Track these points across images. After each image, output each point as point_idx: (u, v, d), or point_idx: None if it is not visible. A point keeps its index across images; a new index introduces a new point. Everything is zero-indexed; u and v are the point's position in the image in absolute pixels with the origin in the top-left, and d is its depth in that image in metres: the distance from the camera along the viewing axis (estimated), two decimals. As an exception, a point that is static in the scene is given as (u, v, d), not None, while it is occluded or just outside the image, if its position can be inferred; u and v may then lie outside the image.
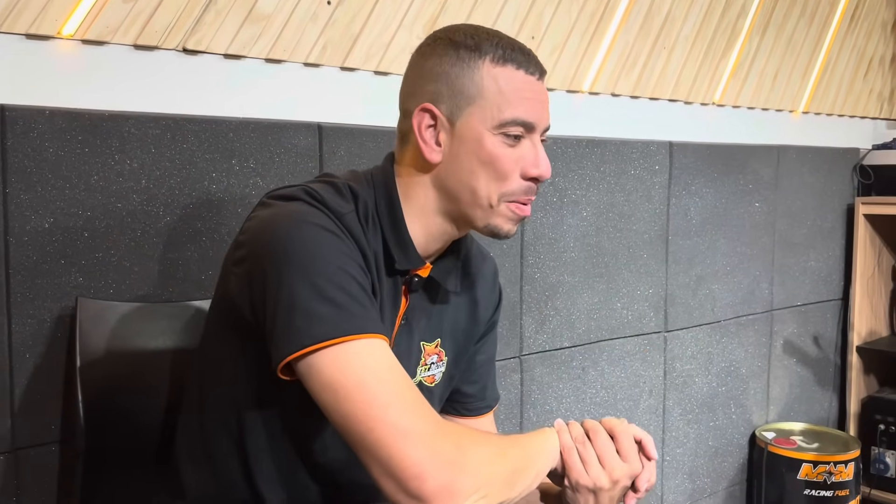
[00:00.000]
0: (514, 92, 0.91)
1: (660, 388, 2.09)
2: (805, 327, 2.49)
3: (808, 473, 2.15)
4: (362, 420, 0.77)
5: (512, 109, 0.91)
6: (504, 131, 0.91)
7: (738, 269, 2.26)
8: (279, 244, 0.84)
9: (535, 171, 0.93)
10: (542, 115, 0.93)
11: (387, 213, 0.94)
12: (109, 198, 1.23)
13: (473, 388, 1.16)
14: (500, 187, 0.92)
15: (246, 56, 1.36)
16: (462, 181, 0.93)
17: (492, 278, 1.14)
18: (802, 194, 2.43)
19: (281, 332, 0.80)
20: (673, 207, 2.07)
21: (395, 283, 0.96)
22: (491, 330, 1.16)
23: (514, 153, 0.92)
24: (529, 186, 0.94)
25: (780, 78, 2.33)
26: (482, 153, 0.91)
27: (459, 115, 0.92)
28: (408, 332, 1.00)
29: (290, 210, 0.87)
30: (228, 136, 1.34)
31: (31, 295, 1.17)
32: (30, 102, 1.16)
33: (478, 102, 0.91)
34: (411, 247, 0.95)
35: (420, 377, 1.03)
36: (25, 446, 1.18)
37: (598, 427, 0.91)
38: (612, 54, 1.91)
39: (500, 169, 0.92)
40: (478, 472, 0.79)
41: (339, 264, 0.83)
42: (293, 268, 0.82)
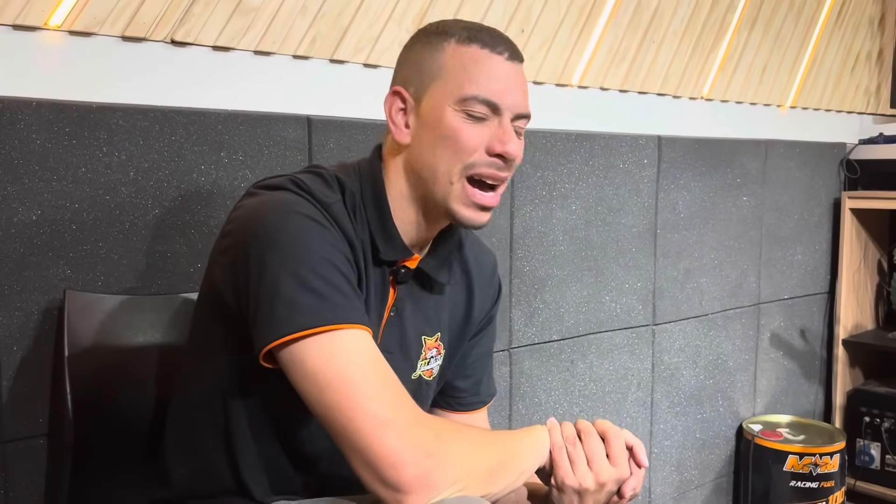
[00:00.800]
0: (478, 70, 0.89)
1: (648, 380, 2.10)
2: (792, 320, 2.51)
3: (794, 465, 2.17)
4: (343, 410, 0.78)
5: (473, 86, 0.89)
6: (466, 109, 0.89)
7: (725, 262, 2.28)
8: (264, 233, 0.84)
9: (500, 146, 0.90)
10: (509, 97, 0.90)
11: (372, 203, 0.94)
12: (97, 190, 1.22)
13: (466, 383, 1.15)
14: (462, 160, 0.90)
15: (234, 48, 1.36)
16: (426, 160, 0.92)
17: (490, 272, 1.13)
18: (790, 188, 2.45)
19: (263, 321, 0.81)
20: (661, 201, 2.08)
21: (383, 274, 0.96)
22: (488, 324, 1.15)
23: (478, 129, 0.90)
24: (493, 161, 0.90)
25: (767, 73, 2.35)
26: (442, 128, 0.90)
27: (424, 94, 0.92)
28: (399, 324, 0.99)
29: (277, 199, 0.87)
30: (217, 128, 1.33)
31: (18, 287, 1.16)
32: (16, 94, 1.15)
33: (441, 78, 0.90)
34: (396, 237, 0.95)
35: (420, 371, 1.03)
36: (13, 439, 1.18)
37: (591, 428, 0.90)
38: (601, 48, 1.91)
39: (461, 144, 0.89)
40: (456, 463, 0.79)
41: (324, 254, 0.84)
42: (277, 256, 0.82)
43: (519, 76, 0.93)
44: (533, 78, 1.80)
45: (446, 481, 0.78)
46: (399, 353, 0.99)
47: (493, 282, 1.13)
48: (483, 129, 0.90)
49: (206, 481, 0.96)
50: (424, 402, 1.06)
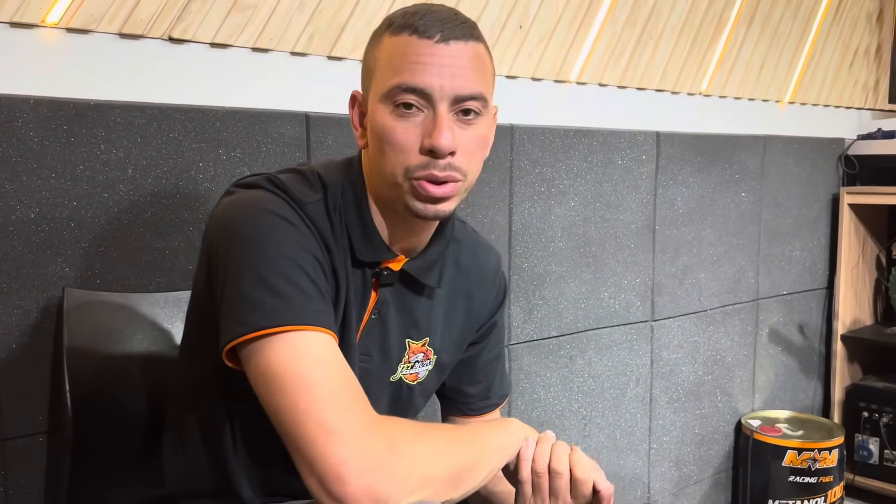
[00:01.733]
0: (402, 57, 0.84)
1: (646, 376, 2.11)
2: (790, 316, 2.51)
3: (792, 460, 2.18)
4: (290, 413, 0.75)
5: (396, 76, 0.83)
6: (393, 100, 0.84)
7: (724, 258, 2.28)
8: (233, 231, 0.83)
9: (428, 141, 0.83)
10: (438, 80, 0.83)
11: (353, 203, 0.91)
12: (95, 187, 1.22)
13: (476, 389, 1.12)
14: (401, 162, 0.85)
15: (232, 45, 1.36)
16: (375, 162, 0.89)
17: (492, 272, 1.08)
18: (788, 184, 2.45)
19: (224, 319, 0.80)
20: (660, 197, 2.08)
21: (364, 276, 0.93)
22: (493, 329, 1.11)
23: (409, 124, 0.84)
24: (428, 161, 0.84)
25: (766, 68, 2.34)
26: (375, 126, 0.86)
27: (368, 95, 0.89)
28: (381, 326, 0.96)
29: (249, 197, 0.87)
30: (215, 125, 1.33)
31: (16, 285, 1.16)
32: (13, 91, 1.15)
33: (374, 76, 0.87)
34: (376, 237, 0.92)
35: (401, 374, 1.00)
36: (12, 437, 1.18)
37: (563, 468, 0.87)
38: (599, 44, 1.91)
39: (393, 141, 0.84)
40: (410, 474, 0.76)
41: (289, 253, 0.82)
42: (242, 254, 0.81)
43: (455, 57, 0.84)
44: (531, 74, 1.80)
45: (397, 494, 0.74)
46: (379, 356, 0.97)
47: (496, 282, 1.09)
48: (414, 122, 0.84)
49: (197, 481, 0.96)
50: (408, 405, 1.04)
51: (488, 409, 1.14)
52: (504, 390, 1.16)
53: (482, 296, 1.07)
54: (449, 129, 0.84)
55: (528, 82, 1.81)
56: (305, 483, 0.75)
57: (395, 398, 1.02)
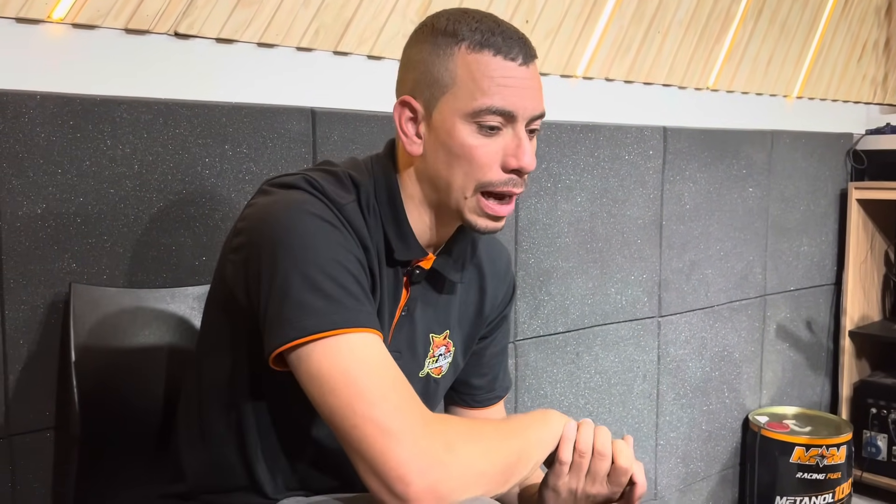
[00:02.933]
0: (489, 79, 0.86)
1: (653, 372, 2.10)
2: (798, 312, 2.50)
3: (800, 457, 2.17)
4: (348, 416, 0.76)
5: (485, 97, 0.86)
6: (478, 121, 0.87)
7: (731, 254, 2.27)
8: (276, 233, 0.83)
9: (515, 162, 0.88)
10: (523, 102, 0.88)
11: (387, 203, 0.93)
12: (102, 183, 1.22)
13: (483, 381, 1.14)
14: (477, 178, 0.89)
15: (238, 40, 1.35)
16: (439, 173, 0.90)
17: (504, 269, 1.11)
18: (796, 179, 2.43)
19: (273, 323, 0.80)
20: (667, 192, 2.07)
21: (397, 274, 0.95)
22: (502, 323, 1.14)
23: (492, 143, 0.88)
24: (511, 178, 0.89)
25: (773, 63, 2.33)
26: (454, 144, 0.88)
27: (435, 106, 0.89)
28: (409, 323, 0.98)
29: (290, 199, 0.86)
30: (221, 120, 1.33)
31: (24, 281, 1.17)
32: (20, 87, 1.15)
33: (451, 91, 0.88)
34: (411, 237, 0.93)
35: (428, 369, 1.02)
36: (20, 433, 1.18)
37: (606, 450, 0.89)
38: (606, 39, 1.90)
39: (475, 160, 0.88)
40: (467, 471, 0.78)
41: (335, 256, 0.83)
42: (288, 257, 0.81)
43: (533, 79, 0.90)
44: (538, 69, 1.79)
45: (456, 490, 0.76)
46: (408, 353, 0.98)
47: (507, 279, 1.11)
48: (497, 142, 0.88)
49: (219, 476, 0.96)
50: (433, 399, 1.06)
51: (493, 401, 1.16)
52: (507, 383, 1.18)
53: (494, 290, 1.09)
54: (530, 149, 0.90)
55: (534, 77, 1.80)
56: (366, 483, 0.77)
57: (424, 394, 1.02)
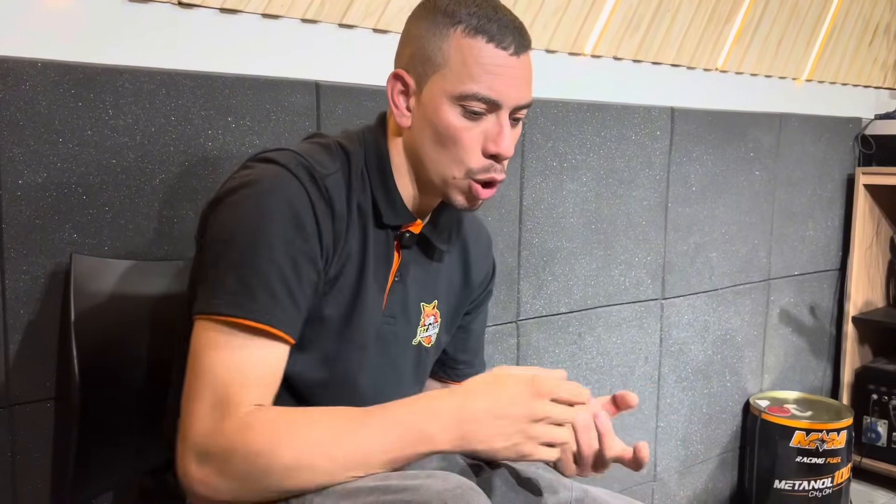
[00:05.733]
0: (479, 66, 0.88)
1: (655, 355, 2.10)
2: (802, 297, 2.49)
3: (800, 441, 2.17)
4: (187, 386, 0.84)
5: (473, 83, 0.88)
6: (463, 104, 0.89)
7: (736, 237, 2.25)
8: (233, 211, 0.86)
9: (494, 147, 0.90)
10: (510, 92, 0.90)
11: (376, 170, 0.96)
12: (103, 153, 1.21)
13: (467, 356, 1.17)
14: (464, 162, 0.91)
15: (242, 10, 1.33)
16: (424, 148, 0.93)
17: (486, 246, 1.15)
18: (803, 163, 2.41)
19: (200, 291, 0.86)
20: (673, 174, 2.06)
21: (388, 238, 0.97)
22: (486, 299, 1.17)
23: (475, 127, 0.90)
24: (490, 164, 0.92)
25: (783, 45, 2.30)
26: (439, 123, 0.91)
27: (426, 83, 0.92)
28: (402, 289, 1.00)
29: (261, 177, 0.87)
30: (224, 92, 1.31)
31: (24, 251, 1.16)
32: (21, 54, 1.13)
33: (442, 71, 0.90)
34: (399, 202, 0.96)
35: (420, 337, 1.04)
36: (20, 402, 1.18)
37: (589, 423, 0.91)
38: (615, 17, 1.88)
39: (458, 142, 0.90)
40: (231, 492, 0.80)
41: (278, 250, 0.84)
42: (235, 237, 0.85)
43: (524, 69, 0.91)
44: (545, 46, 1.77)
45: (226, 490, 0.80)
46: (402, 319, 1.01)
47: (488, 256, 1.16)
48: (479, 126, 0.90)
49: None
50: (424, 368, 1.08)
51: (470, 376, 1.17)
52: (483, 359, 1.22)
53: (477, 266, 1.12)
54: (511, 136, 0.92)
55: (542, 54, 1.78)
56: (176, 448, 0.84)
57: (417, 362, 1.05)
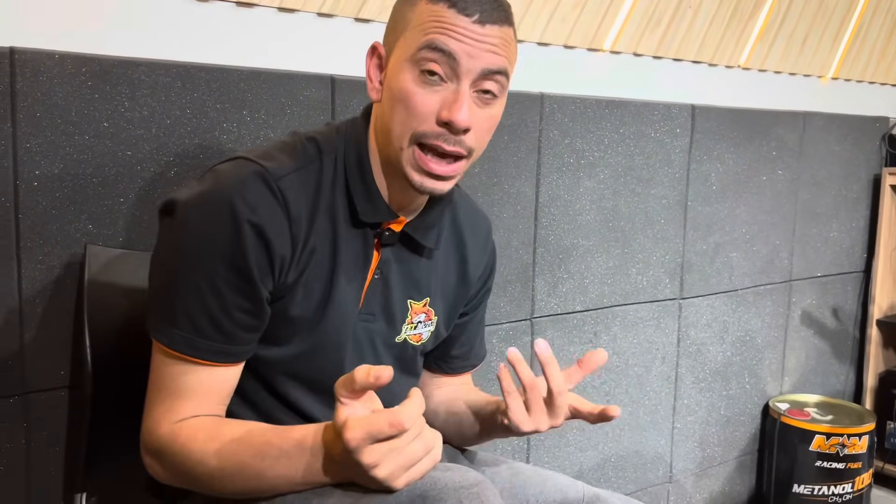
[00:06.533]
0: (435, 23, 0.84)
1: (673, 355, 2.07)
2: (824, 299, 2.45)
3: (820, 445, 2.13)
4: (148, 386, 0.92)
5: (425, 36, 0.84)
6: (419, 62, 0.84)
7: (757, 237, 2.22)
8: (168, 233, 0.89)
9: (447, 114, 0.84)
10: (466, 50, 0.83)
11: (355, 165, 0.93)
12: (119, 145, 1.22)
13: (460, 351, 1.15)
14: (411, 126, 0.86)
15: (259, 4, 1.34)
16: (385, 120, 0.89)
17: (484, 237, 1.11)
18: (828, 163, 2.37)
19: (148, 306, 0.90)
20: (693, 172, 2.03)
21: (365, 236, 0.94)
22: (486, 297, 1.15)
23: (432, 94, 0.85)
24: (441, 132, 0.85)
25: (809, 42, 2.26)
26: (395, 86, 0.86)
27: (392, 51, 0.89)
28: (384, 286, 0.97)
29: (201, 198, 0.86)
30: (240, 85, 1.32)
31: (40, 241, 1.17)
32: (39, 46, 1.15)
33: (403, 35, 0.87)
34: (378, 198, 0.93)
35: (405, 335, 1.02)
36: (35, 390, 1.19)
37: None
38: (635, 12, 1.86)
39: (412, 108, 0.85)
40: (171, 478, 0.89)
41: (201, 279, 0.85)
42: (164, 263, 0.89)
43: (488, 38, 0.85)
44: (564, 41, 1.75)
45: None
46: (382, 317, 0.98)
47: (487, 247, 1.11)
48: (437, 94, 0.85)
49: None
50: (411, 365, 1.05)
51: (466, 369, 1.18)
52: (482, 352, 1.20)
53: (475, 261, 1.08)
54: (468, 106, 0.85)
55: (560, 50, 1.77)
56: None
57: (400, 359, 1.03)
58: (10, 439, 1.18)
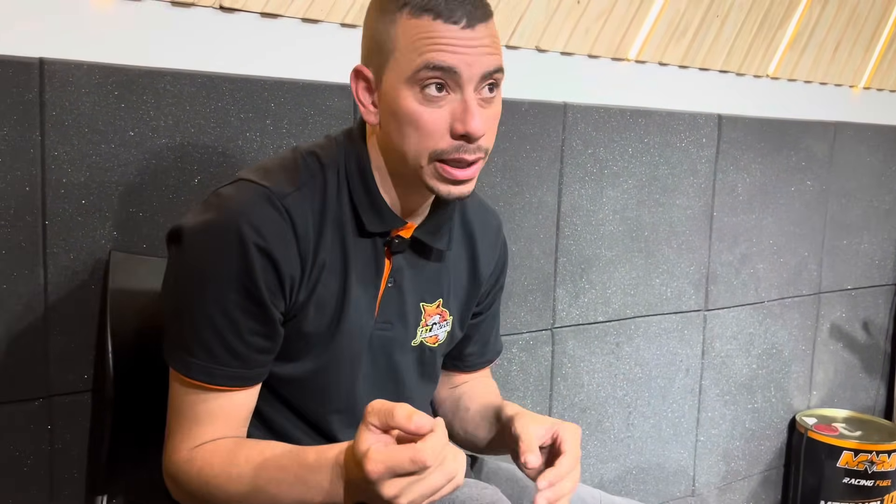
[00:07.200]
0: (426, 40, 0.82)
1: (697, 367, 2.05)
2: (854, 312, 2.41)
3: (848, 461, 2.09)
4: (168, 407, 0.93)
5: (422, 56, 0.83)
6: (419, 83, 0.83)
7: (785, 248, 2.19)
8: (176, 260, 0.89)
9: (461, 127, 0.84)
10: (464, 60, 0.83)
11: (357, 176, 0.92)
12: (144, 153, 1.24)
13: (474, 348, 1.15)
14: (427, 147, 0.85)
15: (282, 15, 1.35)
16: (393, 142, 0.88)
17: (494, 234, 1.10)
18: (859, 174, 2.33)
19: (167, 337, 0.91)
20: (719, 183, 2.01)
21: (375, 246, 0.94)
22: (499, 293, 1.14)
23: (439, 110, 0.84)
24: (460, 145, 0.85)
25: (840, 51, 2.23)
26: (400, 111, 0.85)
27: (383, 73, 0.87)
28: (398, 294, 0.97)
29: (206, 224, 0.87)
30: (263, 95, 1.33)
31: (66, 247, 1.19)
32: (68, 56, 1.17)
33: (394, 57, 0.85)
34: (384, 208, 0.93)
35: (421, 338, 1.01)
36: (59, 393, 1.22)
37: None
38: (661, 21, 1.84)
39: (422, 127, 0.84)
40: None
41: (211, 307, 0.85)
42: (175, 290, 0.89)
43: (480, 40, 0.84)
44: (588, 51, 1.75)
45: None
46: (399, 323, 0.98)
47: (497, 243, 1.10)
48: (444, 108, 0.84)
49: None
50: (430, 368, 1.05)
51: (482, 365, 1.17)
52: (498, 346, 1.19)
53: (486, 257, 1.08)
54: (479, 113, 0.85)
55: (584, 59, 1.76)
56: None
57: (420, 363, 1.03)
58: (34, 441, 1.20)
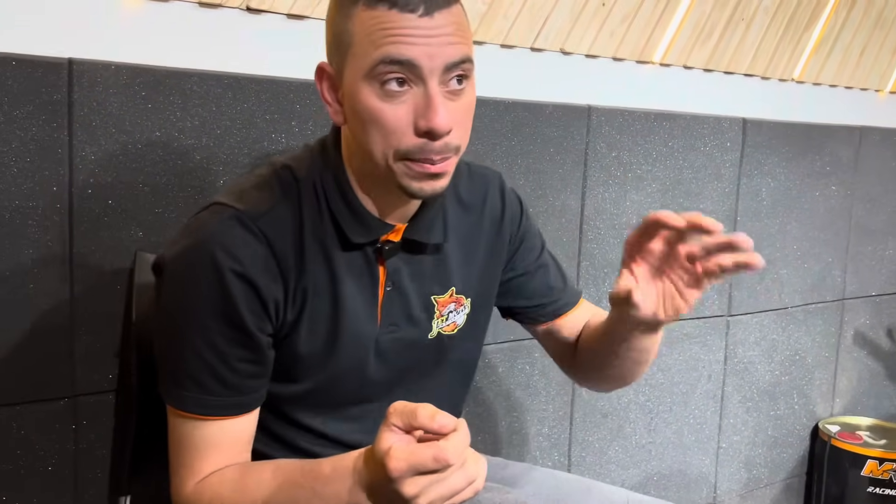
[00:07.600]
0: (381, 31, 0.77)
1: (719, 373, 2.03)
2: (879, 318, 2.38)
3: (872, 470, 2.07)
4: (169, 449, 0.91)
5: (378, 50, 0.77)
6: (378, 78, 0.78)
7: (809, 254, 2.16)
8: (160, 293, 0.88)
9: (424, 122, 0.78)
10: (427, 51, 0.77)
11: (334, 188, 0.88)
12: (170, 154, 1.24)
13: (532, 301, 1.08)
14: (391, 145, 0.80)
15: (309, 16, 1.35)
16: (359, 140, 0.83)
17: (497, 194, 1.03)
18: (885, 179, 2.30)
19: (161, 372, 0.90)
20: (743, 187, 1.99)
21: (365, 255, 0.90)
22: (535, 240, 1.07)
23: (401, 106, 0.79)
24: (425, 143, 0.79)
25: (867, 55, 2.20)
26: (361, 108, 0.80)
27: (344, 70, 0.82)
28: (400, 296, 0.93)
29: (181, 255, 0.85)
30: (289, 97, 1.33)
31: (92, 247, 1.20)
32: (96, 56, 1.17)
33: (351, 51, 0.80)
34: (367, 216, 0.89)
35: (438, 329, 0.98)
36: (84, 393, 1.22)
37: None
38: (686, 25, 1.83)
39: (383, 125, 0.79)
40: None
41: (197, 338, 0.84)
42: (161, 325, 0.89)
43: (440, 28, 0.78)
44: (613, 54, 1.74)
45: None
46: (407, 324, 0.95)
47: (505, 200, 1.03)
48: (406, 104, 0.79)
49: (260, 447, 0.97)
50: (452, 354, 1.01)
51: (561, 310, 1.10)
52: (575, 289, 1.12)
53: (494, 220, 1.02)
54: (444, 107, 0.79)
55: (608, 62, 1.75)
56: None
57: (439, 352, 0.99)
58: (59, 440, 1.21)
